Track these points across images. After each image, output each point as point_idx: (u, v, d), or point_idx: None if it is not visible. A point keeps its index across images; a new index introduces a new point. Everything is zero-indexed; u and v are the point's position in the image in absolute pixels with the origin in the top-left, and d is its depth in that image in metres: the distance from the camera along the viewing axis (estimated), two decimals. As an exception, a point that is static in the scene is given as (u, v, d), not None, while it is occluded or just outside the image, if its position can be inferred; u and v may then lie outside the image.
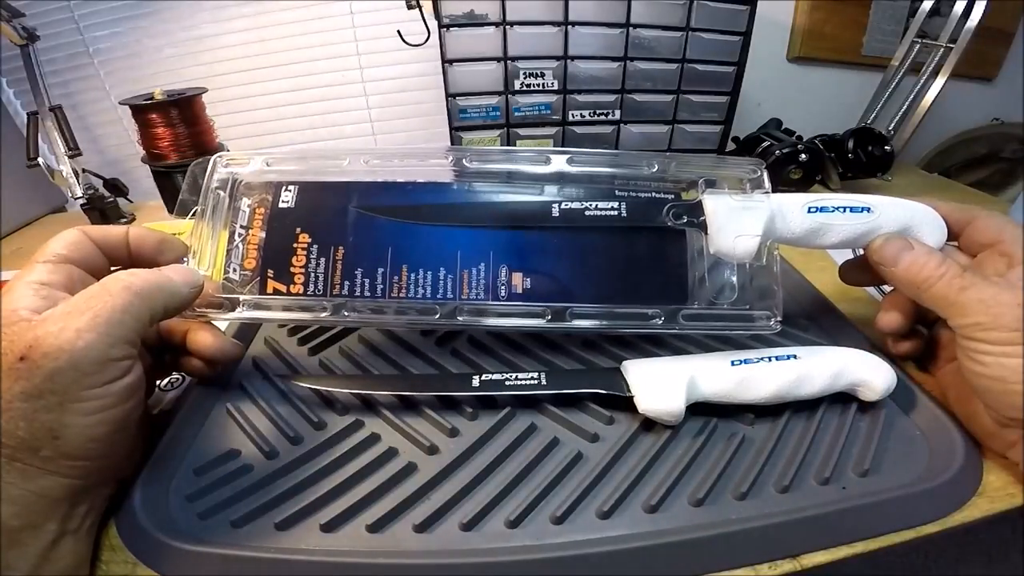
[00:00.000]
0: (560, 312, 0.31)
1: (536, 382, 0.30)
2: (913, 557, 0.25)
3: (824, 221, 0.30)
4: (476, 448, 0.28)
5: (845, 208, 0.30)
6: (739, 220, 0.30)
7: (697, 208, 0.31)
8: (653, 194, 0.33)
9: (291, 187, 0.32)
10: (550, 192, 0.33)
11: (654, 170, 0.33)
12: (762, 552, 0.23)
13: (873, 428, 0.29)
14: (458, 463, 0.27)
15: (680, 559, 0.23)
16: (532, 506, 0.25)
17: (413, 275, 0.31)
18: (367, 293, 0.31)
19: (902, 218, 0.30)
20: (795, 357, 0.29)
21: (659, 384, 0.28)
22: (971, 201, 0.63)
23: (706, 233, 0.31)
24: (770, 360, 0.29)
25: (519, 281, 0.31)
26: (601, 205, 0.32)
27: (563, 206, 0.32)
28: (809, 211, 0.30)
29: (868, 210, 0.30)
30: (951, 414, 0.29)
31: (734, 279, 0.32)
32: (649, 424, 0.29)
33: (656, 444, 0.28)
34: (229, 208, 0.32)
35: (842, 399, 0.30)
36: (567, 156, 0.33)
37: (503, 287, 0.31)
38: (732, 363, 0.29)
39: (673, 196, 0.32)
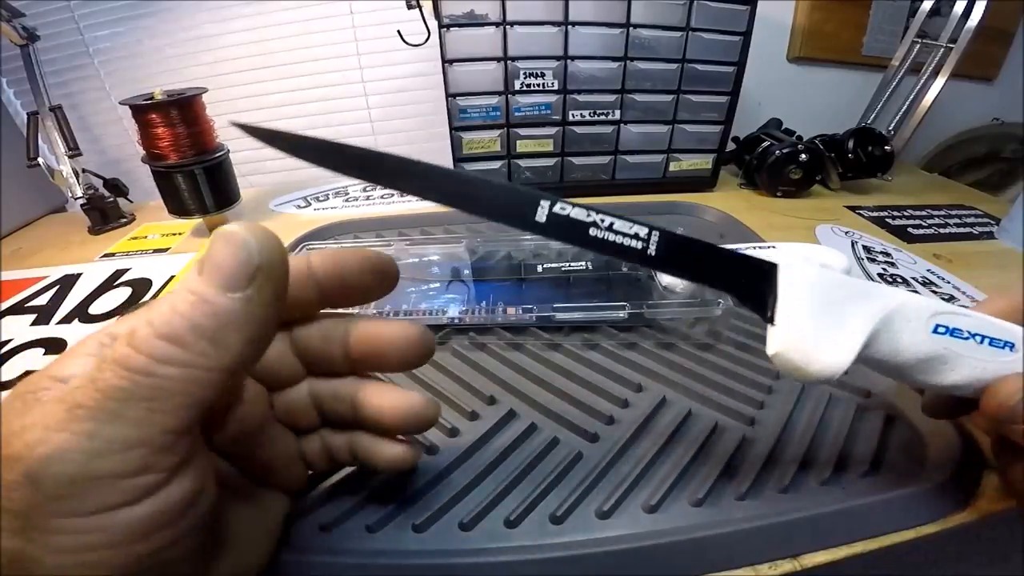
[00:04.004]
0: (546, 316, 0.37)
1: (643, 245, 0.20)
2: (913, 557, 0.25)
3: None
4: (476, 447, 0.28)
5: (754, 247, 0.39)
6: None
7: None
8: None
9: None
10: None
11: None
12: (762, 552, 0.23)
13: (873, 428, 0.29)
14: (458, 463, 0.27)
15: (680, 559, 0.23)
16: (532, 506, 0.25)
17: (428, 308, 0.39)
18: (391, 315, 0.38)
19: (800, 252, 0.39)
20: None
21: (828, 319, 0.19)
22: (971, 201, 0.63)
23: (655, 273, 0.39)
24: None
25: (512, 311, 0.37)
26: (573, 265, 0.43)
27: (545, 265, 0.43)
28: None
29: (773, 247, 0.39)
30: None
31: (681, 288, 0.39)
32: (650, 423, 0.29)
33: (656, 444, 0.28)
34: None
35: (842, 400, 0.30)
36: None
37: (500, 316, 0.37)
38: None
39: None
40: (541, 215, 0.20)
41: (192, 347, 0.15)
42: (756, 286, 0.20)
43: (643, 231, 0.20)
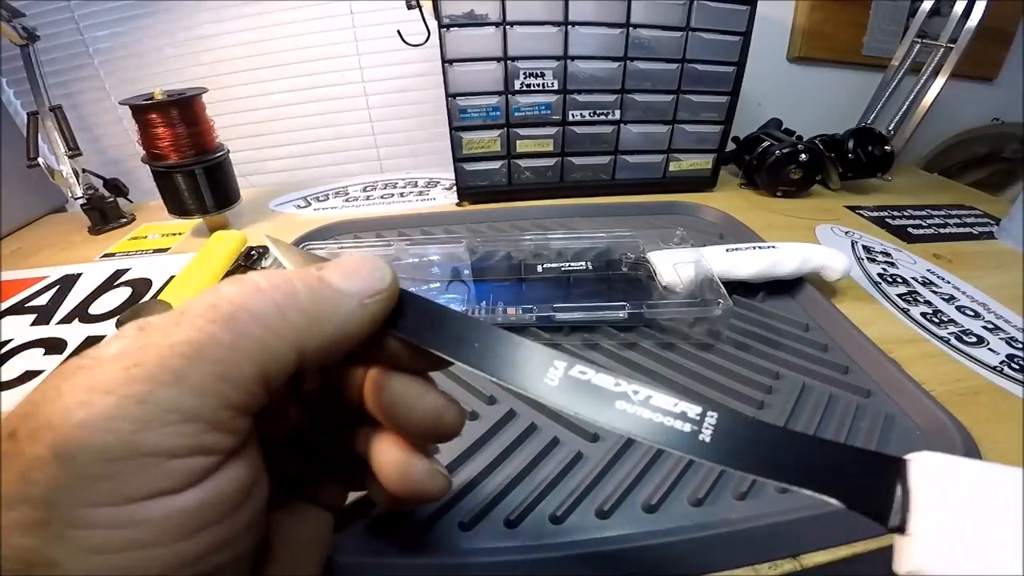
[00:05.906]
0: (546, 316, 0.37)
1: (694, 428, 0.14)
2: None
3: (739, 258, 0.40)
4: (476, 448, 0.28)
5: (754, 247, 0.41)
6: (675, 259, 0.40)
7: (643, 260, 0.42)
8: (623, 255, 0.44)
9: None
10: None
11: (601, 234, 0.47)
12: (762, 552, 0.23)
13: (873, 428, 0.29)
14: (458, 463, 0.27)
15: (680, 559, 0.23)
16: (532, 506, 0.25)
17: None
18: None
19: (801, 252, 0.40)
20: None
21: (989, 521, 0.13)
22: (971, 201, 0.63)
23: (655, 273, 0.40)
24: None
25: (513, 312, 0.37)
26: (573, 265, 0.43)
27: (545, 265, 0.43)
28: (727, 251, 0.41)
29: (773, 247, 0.41)
30: (950, 413, 0.29)
31: (681, 288, 0.39)
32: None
33: (656, 444, 0.28)
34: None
35: (842, 399, 0.30)
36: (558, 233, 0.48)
37: (500, 316, 0.37)
38: None
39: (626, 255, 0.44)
40: (553, 377, 0.16)
41: (290, 314, 0.14)
42: (873, 486, 0.14)
43: (694, 410, 0.15)
